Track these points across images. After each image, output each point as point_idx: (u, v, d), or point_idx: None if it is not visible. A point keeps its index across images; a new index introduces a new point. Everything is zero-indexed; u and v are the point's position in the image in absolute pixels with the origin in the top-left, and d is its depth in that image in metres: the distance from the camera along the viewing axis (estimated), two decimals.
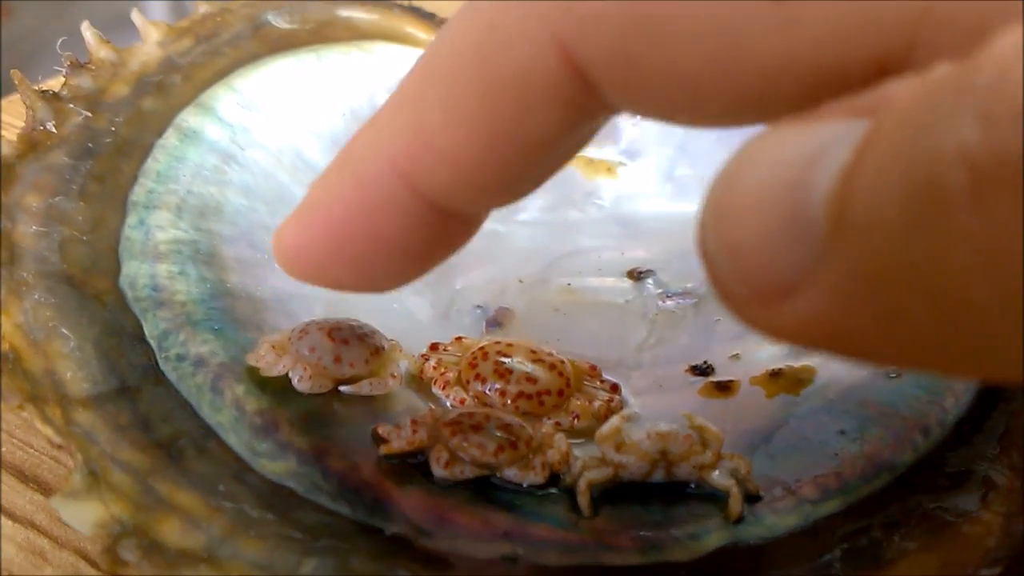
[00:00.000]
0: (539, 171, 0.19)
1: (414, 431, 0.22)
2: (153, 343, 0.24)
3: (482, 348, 0.25)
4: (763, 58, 0.15)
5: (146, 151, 0.28)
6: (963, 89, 0.11)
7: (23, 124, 0.28)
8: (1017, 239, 0.11)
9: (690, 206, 0.32)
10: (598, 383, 0.25)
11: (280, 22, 0.33)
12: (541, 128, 0.18)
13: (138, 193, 0.27)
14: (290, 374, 0.23)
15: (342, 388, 0.24)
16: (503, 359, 0.24)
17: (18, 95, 0.29)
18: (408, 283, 0.22)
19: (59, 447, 0.22)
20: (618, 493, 0.22)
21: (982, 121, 0.11)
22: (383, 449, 0.22)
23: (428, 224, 0.20)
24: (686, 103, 0.17)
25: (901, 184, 0.12)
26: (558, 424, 0.24)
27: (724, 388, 0.26)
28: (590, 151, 0.35)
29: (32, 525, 0.23)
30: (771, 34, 0.15)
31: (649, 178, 0.34)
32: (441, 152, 0.18)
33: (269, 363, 0.23)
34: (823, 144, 0.13)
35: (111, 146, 0.28)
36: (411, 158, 0.19)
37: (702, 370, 0.26)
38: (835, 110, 0.14)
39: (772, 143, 0.14)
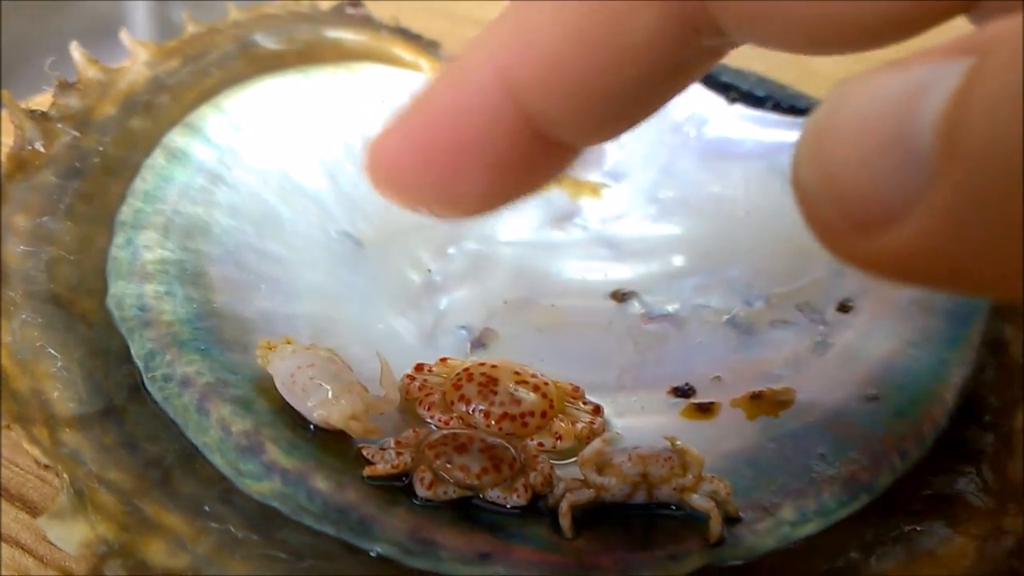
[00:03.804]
0: (638, 94, 0.19)
1: (398, 453, 0.23)
2: (139, 363, 0.24)
3: (467, 369, 0.25)
4: None
5: (134, 171, 0.29)
6: None
7: (9, 141, 0.28)
8: None
9: (673, 228, 0.33)
10: (581, 404, 0.26)
11: (268, 42, 0.34)
12: (643, 30, 0.18)
13: (125, 213, 0.27)
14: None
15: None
16: (487, 380, 0.25)
17: (4, 112, 0.29)
18: (491, 209, 0.21)
19: (46, 467, 0.22)
20: (600, 514, 0.22)
21: None
22: (367, 471, 0.22)
23: (522, 138, 0.19)
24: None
25: (1016, 104, 0.12)
26: (541, 445, 0.24)
27: (705, 410, 0.26)
28: (575, 172, 0.35)
29: (17, 544, 0.23)
30: None
31: (633, 200, 0.34)
32: (543, 51, 0.18)
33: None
34: (926, 78, 0.14)
35: (99, 166, 0.28)
36: (513, 58, 0.19)
37: (684, 392, 0.27)
38: (934, 52, 0.14)
39: (871, 80, 0.14)
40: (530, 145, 0.19)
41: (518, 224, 0.33)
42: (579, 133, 0.20)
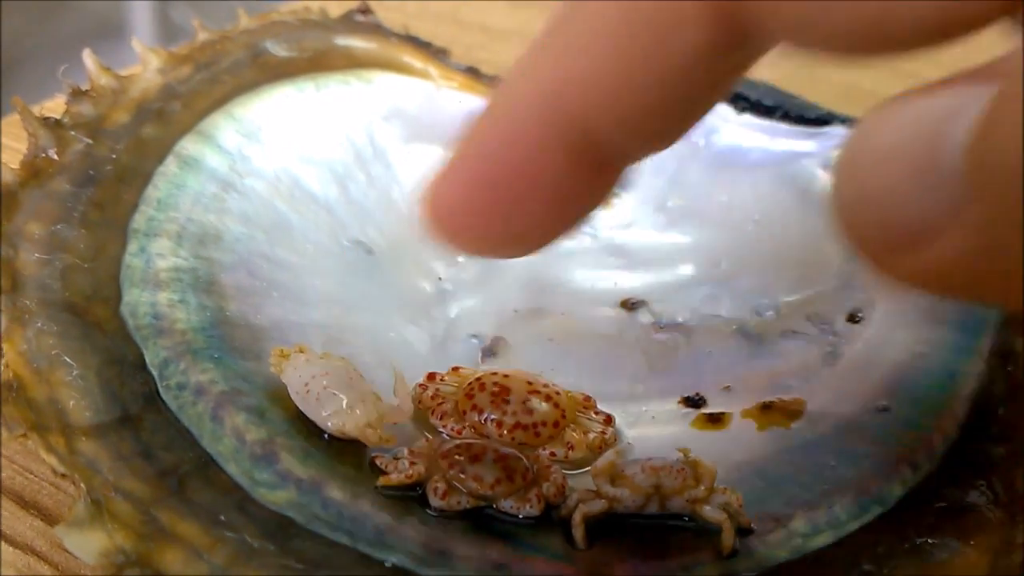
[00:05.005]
0: (687, 105, 0.19)
1: (412, 463, 0.23)
2: (154, 371, 0.24)
3: (479, 379, 0.25)
4: None
5: (146, 179, 0.29)
6: None
7: (20, 146, 0.28)
8: None
9: (682, 237, 0.33)
10: (592, 414, 0.26)
11: (278, 50, 0.34)
12: (690, 42, 0.17)
13: (139, 220, 0.28)
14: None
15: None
16: (500, 390, 0.25)
17: (15, 116, 0.29)
18: (551, 241, 0.21)
19: (63, 476, 0.22)
20: (612, 525, 0.22)
21: None
22: (381, 481, 0.22)
23: (574, 162, 0.19)
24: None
25: None
26: (553, 455, 0.24)
27: (716, 420, 0.26)
28: None
29: (32, 551, 0.23)
30: None
31: (642, 209, 0.34)
32: (590, 74, 0.18)
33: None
34: (953, 104, 0.14)
35: (112, 173, 0.28)
36: (560, 84, 0.18)
37: (694, 402, 0.27)
38: (960, 78, 0.15)
39: (903, 105, 0.15)
40: (582, 168, 0.19)
41: None
42: (632, 148, 0.19)
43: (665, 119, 0.19)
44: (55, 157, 0.28)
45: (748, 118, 0.35)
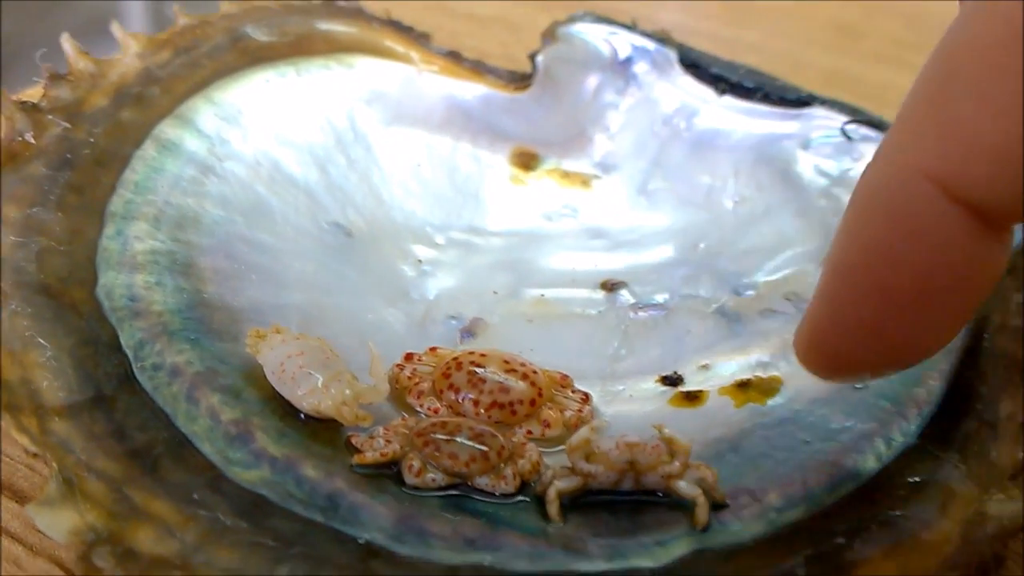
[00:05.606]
0: None
1: (387, 442, 0.23)
2: (129, 353, 0.24)
3: (456, 358, 0.25)
4: None
5: (124, 162, 0.29)
6: None
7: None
8: None
9: (663, 219, 0.33)
10: (569, 393, 0.26)
11: (259, 34, 0.34)
12: None
13: (116, 204, 0.28)
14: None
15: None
16: (477, 369, 0.25)
17: None
18: (952, 338, 0.20)
19: (35, 456, 0.22)
20: (587, 500, 0.22)
21: None
22: (356, 459, 0.22)
23: (973, 236, 0.18)
24: None
25: None
26: (529, 433, 0.24)
27: (693, 398, 0.26)
28: (565, 163, 0.35)
29: (6, 532, 0.23)
30: None
31: (623, 191, 0.34)
32: (980, 141, 0.17)
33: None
34: None
35: (89, 157, 0.28)
36: (946, 159, 0.17)
37: (672, 380, 0.27)
38: None
39: None
40: (978, 234, 0.18)
41: (508, 214, 0.33)
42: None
43: None
44: (32, 141, 0.28)
45: (729, 100, 0.35)
